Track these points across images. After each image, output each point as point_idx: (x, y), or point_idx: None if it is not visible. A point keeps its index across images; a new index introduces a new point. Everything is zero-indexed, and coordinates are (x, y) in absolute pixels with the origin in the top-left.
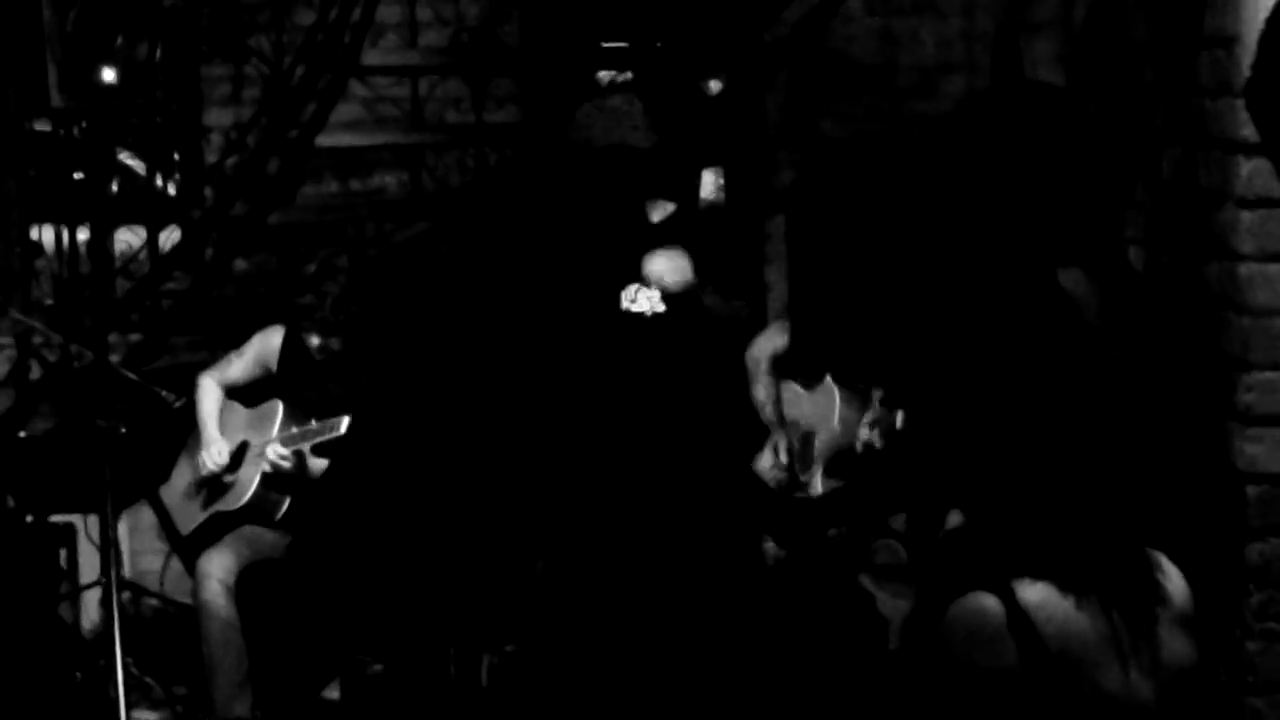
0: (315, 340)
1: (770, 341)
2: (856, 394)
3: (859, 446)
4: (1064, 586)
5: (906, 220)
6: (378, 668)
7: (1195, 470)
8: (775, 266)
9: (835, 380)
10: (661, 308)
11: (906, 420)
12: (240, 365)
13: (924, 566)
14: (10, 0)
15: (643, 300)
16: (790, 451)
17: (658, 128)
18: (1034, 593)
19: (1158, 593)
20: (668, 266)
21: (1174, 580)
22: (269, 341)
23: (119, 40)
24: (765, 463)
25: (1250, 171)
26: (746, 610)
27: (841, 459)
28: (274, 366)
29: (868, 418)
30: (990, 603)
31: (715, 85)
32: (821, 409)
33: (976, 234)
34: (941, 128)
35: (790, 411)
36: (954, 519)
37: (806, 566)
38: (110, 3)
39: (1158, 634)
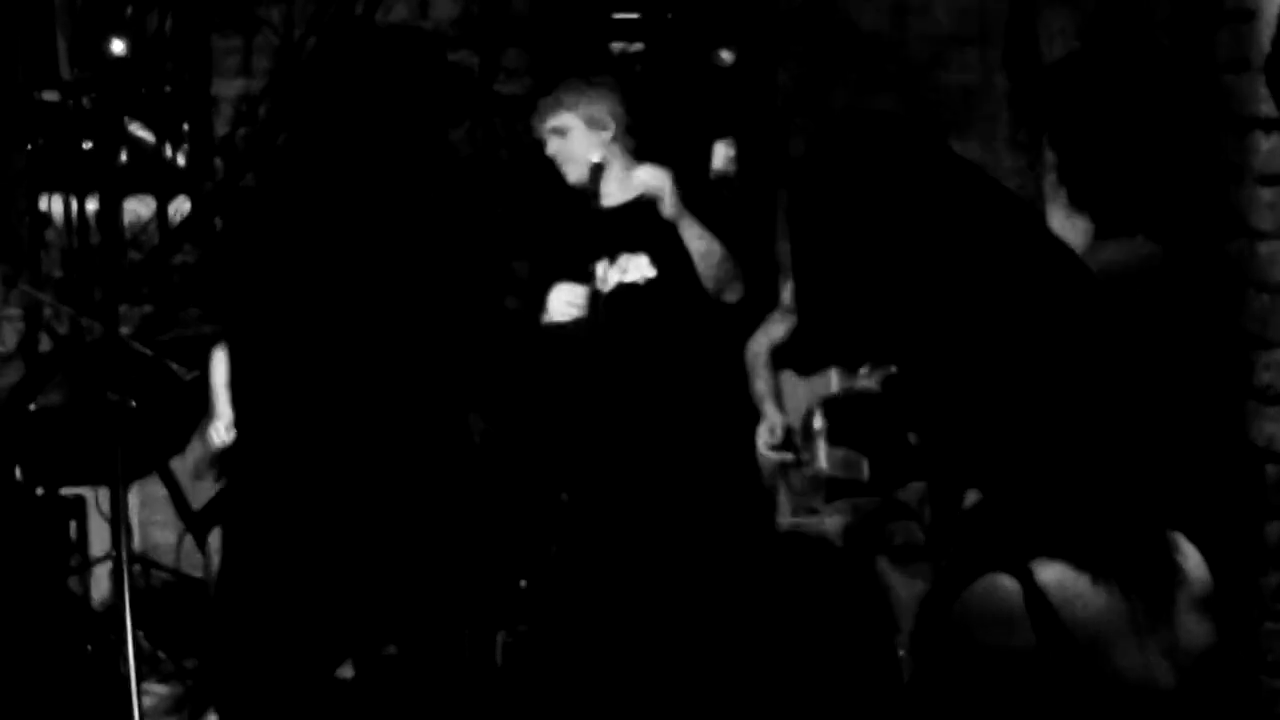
0: None
1: (768, 334)
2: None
3: (859, 388)
4: (1082, 567)
5: (921, 193)
6: (392, 649)
7: (1213, 450)
8: (786, 242)
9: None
10: (653, 272)
11: (916, 396)
12: None
13: (940, 547)
14: None
15: (633, 269)
16: (789, 431)
17: (668, 99)
18: (1051, 573)
19: (1176, 574)
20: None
21: (1193, 561)
22: None
23: (128, 11)
24: (763, 440)
25: (1270, 148)
26: (758, 592)
27: (842, 424)
28: None
29: (863, 371)
30: (1007, 583)
31: (727, 56)
32: (819, 389)
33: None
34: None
35: (791, 398)
36: (971, 498)
37: (818, 547)
38: None
39: (1176, 616)
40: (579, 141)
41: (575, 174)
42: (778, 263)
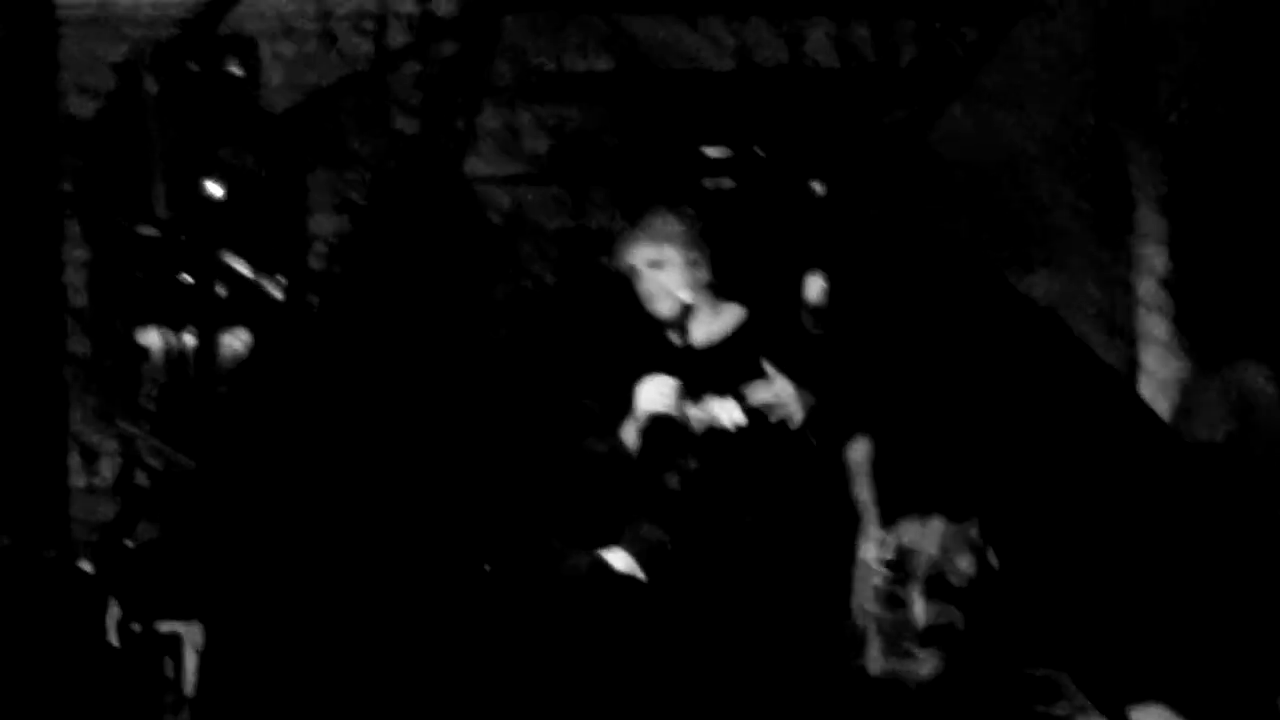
0: None
1: (870, 443)
2: (956, 519)
3: (956, 580)
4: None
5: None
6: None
7: None
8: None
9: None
10: (742, 418)
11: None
12: None
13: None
14: (119, 111)
15: (723, 414)
16: (891, 552)
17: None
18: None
19: None
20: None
21: None
22: None
23: (223, 152)
24: (872, 553)
25: None
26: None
27: (940, 585)
28: None
29: (969, 552)
30: None
31: (819, 188)
32: (924, 526)
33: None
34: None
35: (889, 517)
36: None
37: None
38: (215, 114)
39: None
40: (674, 276)
41: (667, 309)
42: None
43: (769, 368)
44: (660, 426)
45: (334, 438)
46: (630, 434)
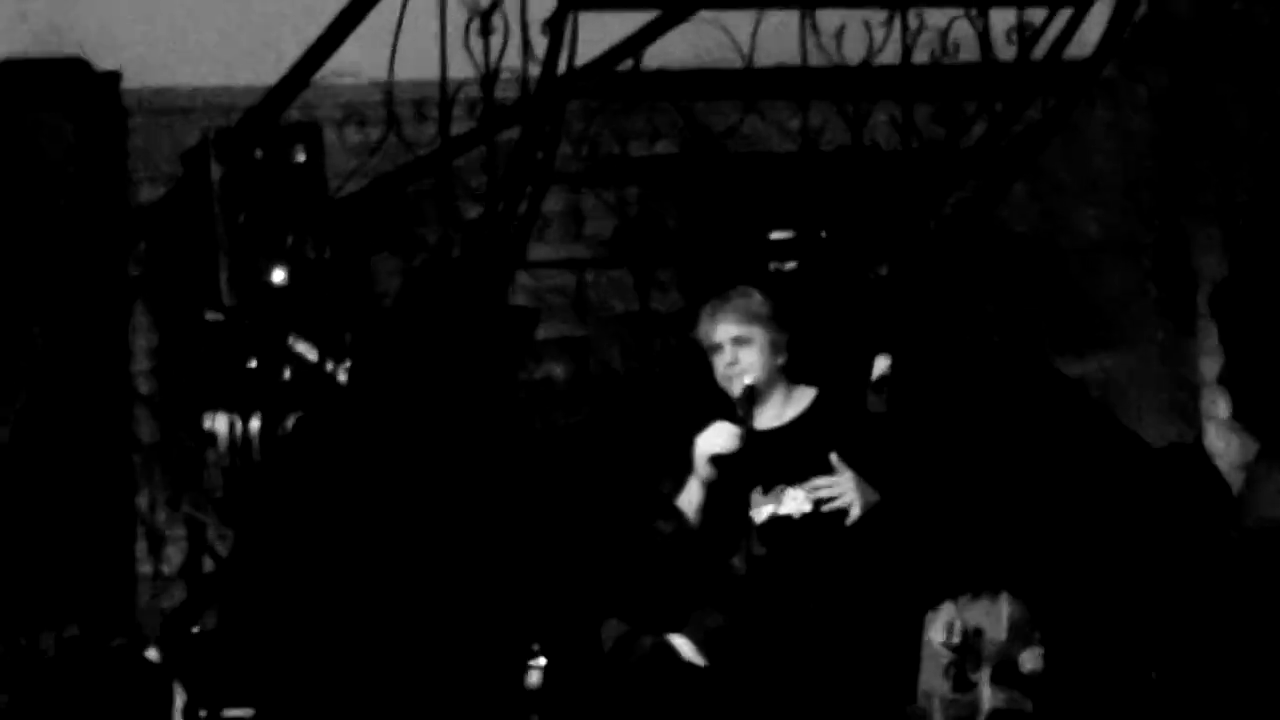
0: None
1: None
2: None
3: (1026, 668)
4: None
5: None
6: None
7: None
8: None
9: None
10: (808, 508)
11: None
12: None
13: None
14: (185, 198)
15: (789, 502)
16: (958, 635)
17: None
18: None
19: None
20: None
21: None
22: None
23: (288, 239)
24: (939, 636)
25: None
26: None
27: (1008, 670)
28: None
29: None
30: None
31: (882, 270)
32: (993, 609)
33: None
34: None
35: (962, 602)
36: None
37: None
38: (280, 203)
39: None
40: (757, 355)
41: (749, 381)
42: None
43: (836, 460)
44: (727, 500)
45: (389, 518)
46: (693, 492)
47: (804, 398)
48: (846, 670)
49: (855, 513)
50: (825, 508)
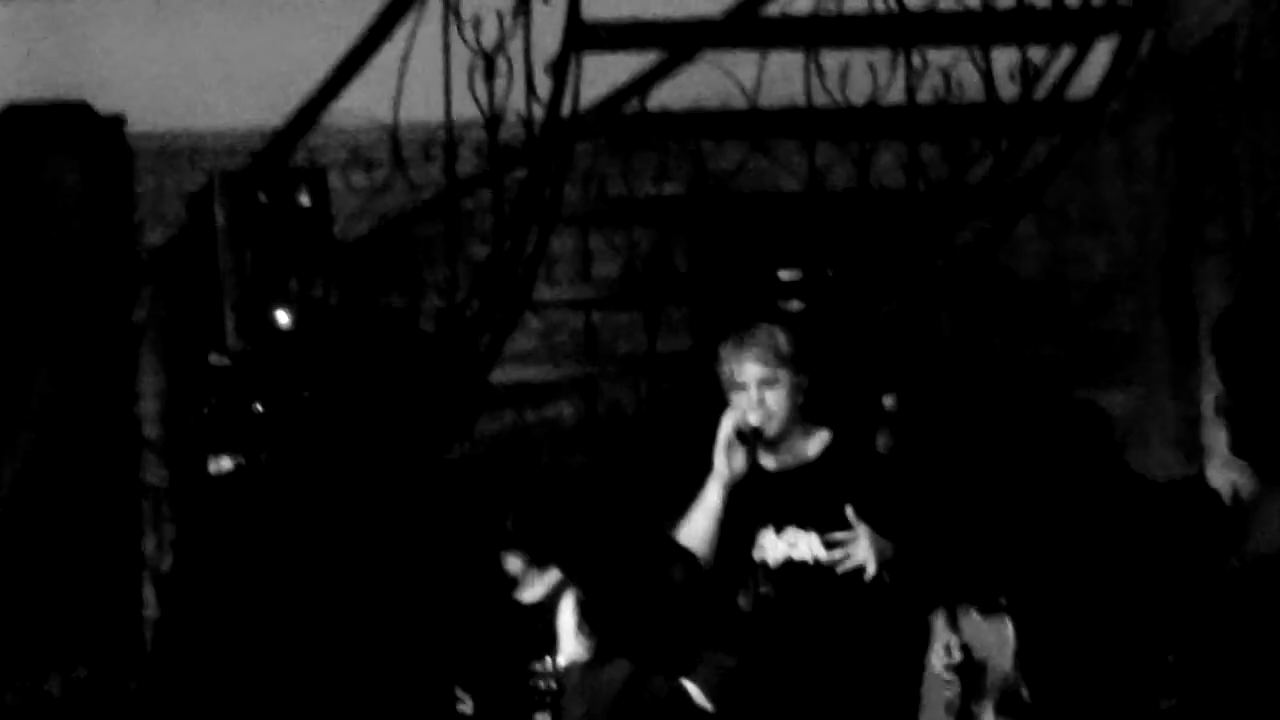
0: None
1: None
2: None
3: (1027, 695)
4: None
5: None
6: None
7: None
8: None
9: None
10: (823, 553)
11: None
12: None
13: None
14: (191, 242)
15: (804, 546)
16: (966, 651)
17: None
18: None
19: None
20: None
21: None
22: None
23: (293, 282)
24: (939, 661)
25: None
26: None
27: (1012, 701)
28: None
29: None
30: None
31: (889, 308)
32: (997, 640)
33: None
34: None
35: (966, 633)
36: None
37: None
38: (286, 245)
39: None
40: (784, 396)
41: (771, 429)
42: None
43: (851, 515)
44: (736, 540)
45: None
46: (714, 490)
47: (819, 439)
48: (853, 711)
49: (870, 570)
50: (840, 568)
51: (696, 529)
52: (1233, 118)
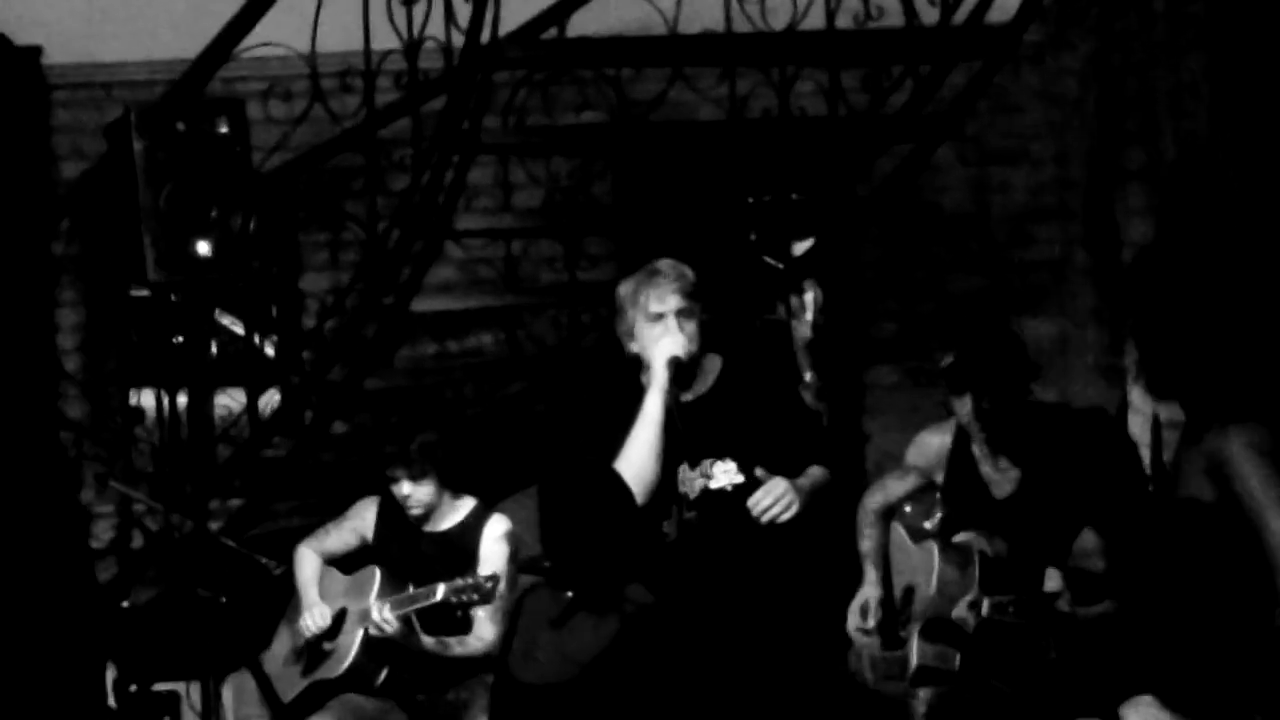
0: (406, 488)
1: (885, 491)
2: (956, 555)
3: (955, 618)
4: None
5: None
6: None
7: None
8: (875, 418)
9: (939, 539)
10: (740, 479)
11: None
12: (337, 537)
13: None
14: (109, 174)
15: (720, 475)
16: (885, 606)
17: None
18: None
19: None
20: None
21: None
22: (364, 514)
23: (212, 213)
24: (854, 622)
25: None
26: None
27: (937, 626)
28: (370, 537)
29: (968, 597)
30: None
31: (801, 246)
32: (923, 565)
33: None
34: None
35: (896, 559)
36: None
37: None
38: (205, 176)
39: None
40: (695, 326)
41: (687, 358)
42: (865, 436)
43: (762, 473)
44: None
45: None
46: (655, 401)
47: (715, 366)
48: (779, 635)
49: (796, 509)
50: (765, 517)
51: (637, 458)
52: (1152, 47)
